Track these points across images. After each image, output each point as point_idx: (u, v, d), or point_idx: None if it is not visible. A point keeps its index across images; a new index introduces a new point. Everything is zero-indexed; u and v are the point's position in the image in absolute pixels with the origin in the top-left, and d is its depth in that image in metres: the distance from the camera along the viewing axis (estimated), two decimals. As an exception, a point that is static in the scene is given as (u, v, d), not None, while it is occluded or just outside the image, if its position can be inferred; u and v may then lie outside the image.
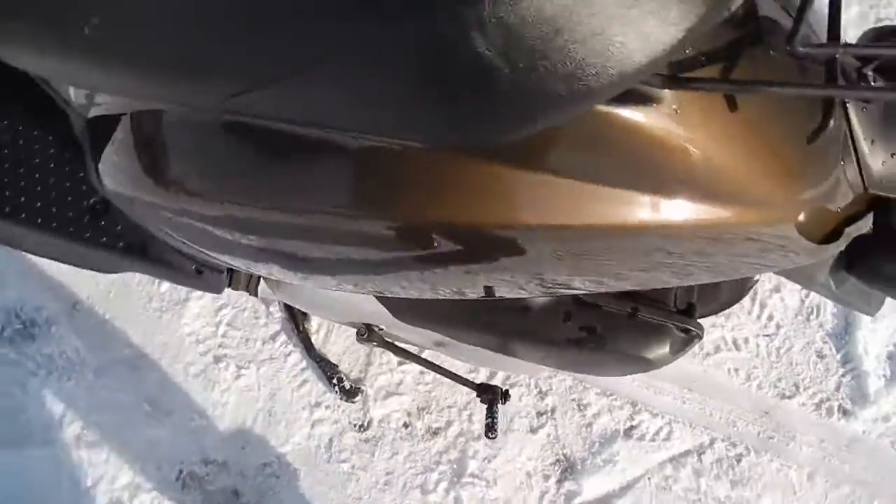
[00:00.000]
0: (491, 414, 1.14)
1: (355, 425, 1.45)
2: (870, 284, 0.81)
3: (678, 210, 0.62)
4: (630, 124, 0.58)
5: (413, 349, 1.27)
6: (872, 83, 0.70)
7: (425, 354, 1.30)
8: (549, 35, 0.42)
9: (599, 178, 0.59)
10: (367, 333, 1.16)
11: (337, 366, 1.46)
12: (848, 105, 0.71)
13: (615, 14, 0.42)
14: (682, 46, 0.46)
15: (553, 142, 0.58)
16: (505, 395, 1.18)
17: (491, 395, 1.15)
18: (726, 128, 0.62)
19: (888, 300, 1.42)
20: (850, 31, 1.50)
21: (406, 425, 1.44)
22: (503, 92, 0.45)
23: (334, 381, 1.44)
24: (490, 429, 1.13)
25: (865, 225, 0.78)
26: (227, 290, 1.49)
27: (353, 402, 1.45)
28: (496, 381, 1.41)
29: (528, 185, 0.59)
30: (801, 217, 0.71)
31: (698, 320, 1.01)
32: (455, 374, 1.24)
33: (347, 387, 1.44)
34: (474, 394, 1.21)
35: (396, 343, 1.22)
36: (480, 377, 1.42)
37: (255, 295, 1.12)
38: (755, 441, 1.48)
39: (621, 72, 0.45)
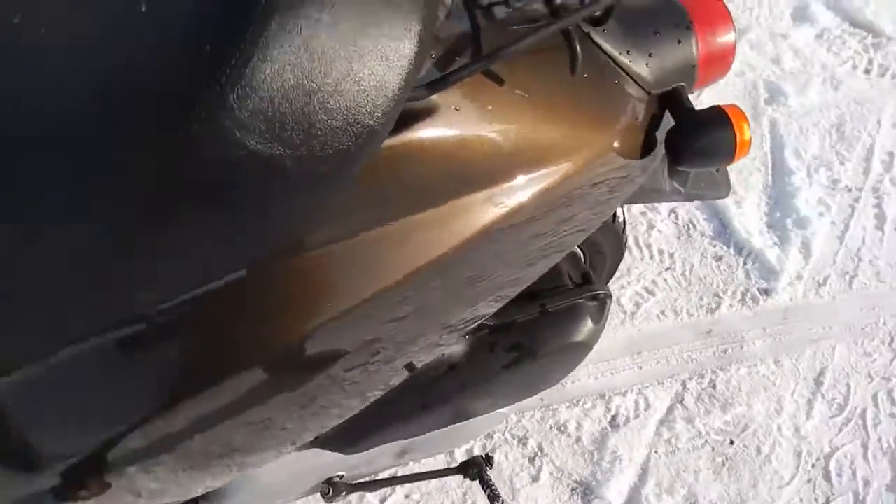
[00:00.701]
0: (487, 485, 1.10)
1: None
2: (696, 164, 0.86)
3: (516, 191, 0.64)
4: (426, 141, 0.60)
5: (382, 475, 1.21)
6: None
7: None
8: (304, 101, 0.43)
9: (435, 200, 0.60)
10: (331, 489, 1.09)
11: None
12: (591, 35, 0.78)
13: (349, 54, 0.43)
14: (423, 54, 0.48)
15: (375, 190, 0.58)
16: (488, 460, 1.14)
17: (476, 468, 1.12)
18: (506, 102, 0.66)
19: (734, 179, 1.52)
20: None
21: (420, 554, 1.36)
22: (297, 172, 0.45)
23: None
24: (494, 499, 1.08)
25: (668, 121, 0.84)
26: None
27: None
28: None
29: (380, 242, 0.59)
30: (616, 143, 0.75)
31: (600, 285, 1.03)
32: (433, 472, 1.19)
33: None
34: (463, 479, 1.17)
35: (363, 481, 1.16)
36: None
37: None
38: (715, 361, 1.52)
39: (386, 98, 0.46)
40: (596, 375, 1.49)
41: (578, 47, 0.67)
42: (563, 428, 1.44)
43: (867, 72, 1.94)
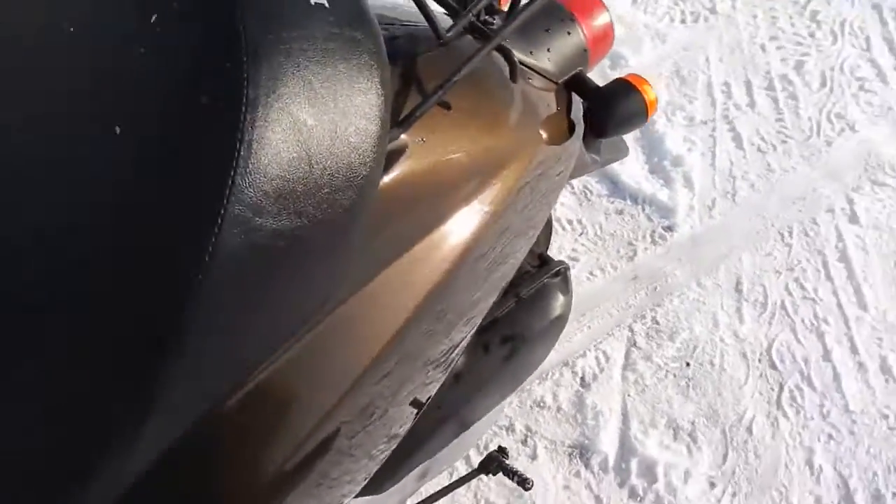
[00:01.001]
0: (513, 473, 1.16)
1: None
2: (619, 132, 0.98)
3: (480, 209, 0.69)
4: (405, 179, 0.62)
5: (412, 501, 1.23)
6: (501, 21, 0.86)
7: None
8: (306, 170, 0.45)
9: (411, 241, 0.63)
10: (367, 533, 1.11)
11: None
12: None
13: (332, 117, 0.47)
14: (388, 98, 0.52)
15: (376, 233, 0.59)
16: (503, 452, 1.20)
17: (495, 462, 1.17)
18: (458, 125, 0.71)
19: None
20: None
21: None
22: (318, 240, 0.48)
23: None
24: (522, 482, 1.15)
25: (580, 104, 0.95)
26: None
27: None
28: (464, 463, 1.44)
29: (363, 303, 0.59)
30: (545, 136, 0.84)
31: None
32: (458, 481, 1.22)
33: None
34: (486, 476, 1.20)
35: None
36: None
37: None
38: (650, 301, 1.68)
39: (372, 145, 0.50)
40: (554, 347, 1.59)
41: (516, 58, 0.76)
42: (541, 404, 1.54)
43: (683, 21, 2.19)
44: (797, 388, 1.57)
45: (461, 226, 0.66)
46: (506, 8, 0.81)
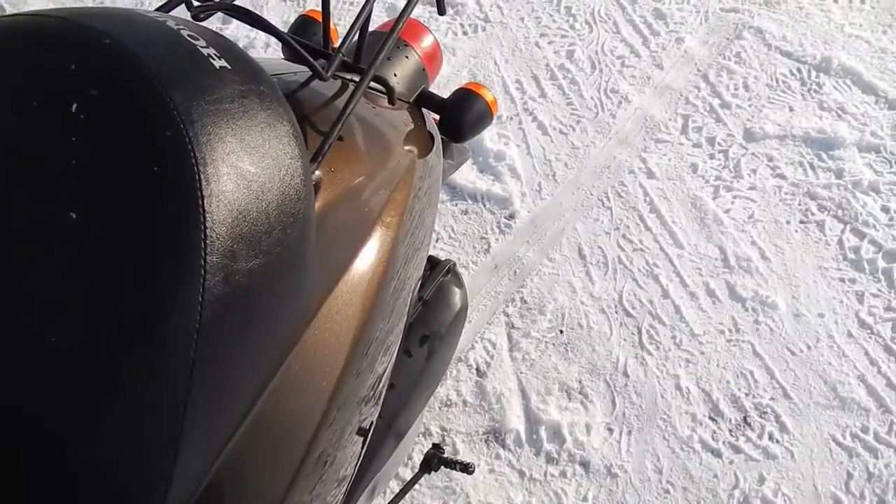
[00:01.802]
0: (453, 463, 1.23)
1: None
2: (473, 135, 1.10)
3: (388, 231, 0.74)
4: (328, 207, 0.68)
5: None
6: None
7: None
8: (256, 210, 0.49)
9: (341, 270, 0.67)
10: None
11: None
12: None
13: (267, 163, 0.51)
14: (301, 137, 0.57)
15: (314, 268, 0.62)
16: (438, 448, 1.27)
17: (436, 459, 1.24)
18: (353, 151, 0.78)
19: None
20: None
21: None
22: (283, 272, 0.52)
23: None
24: (465, 467, 1.22)
25: (432, 118, 1.06)
26: None
27: None
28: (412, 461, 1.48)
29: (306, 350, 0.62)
30: (415, 150, 0.94)
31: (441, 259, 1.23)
32: (405, 488, 1.27)
33: None
34: (429, 474, 1.25)
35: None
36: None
37: None
38: (514, 284, 1.82)
39: (301, 178, 0.55)
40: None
41: (387, 88, 0.85)
42: (448, 402, 1.62)
43: (465, 33, 2.40)
44: (651, 327, 1.78)
45: (372, 257, 0.71)
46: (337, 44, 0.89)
